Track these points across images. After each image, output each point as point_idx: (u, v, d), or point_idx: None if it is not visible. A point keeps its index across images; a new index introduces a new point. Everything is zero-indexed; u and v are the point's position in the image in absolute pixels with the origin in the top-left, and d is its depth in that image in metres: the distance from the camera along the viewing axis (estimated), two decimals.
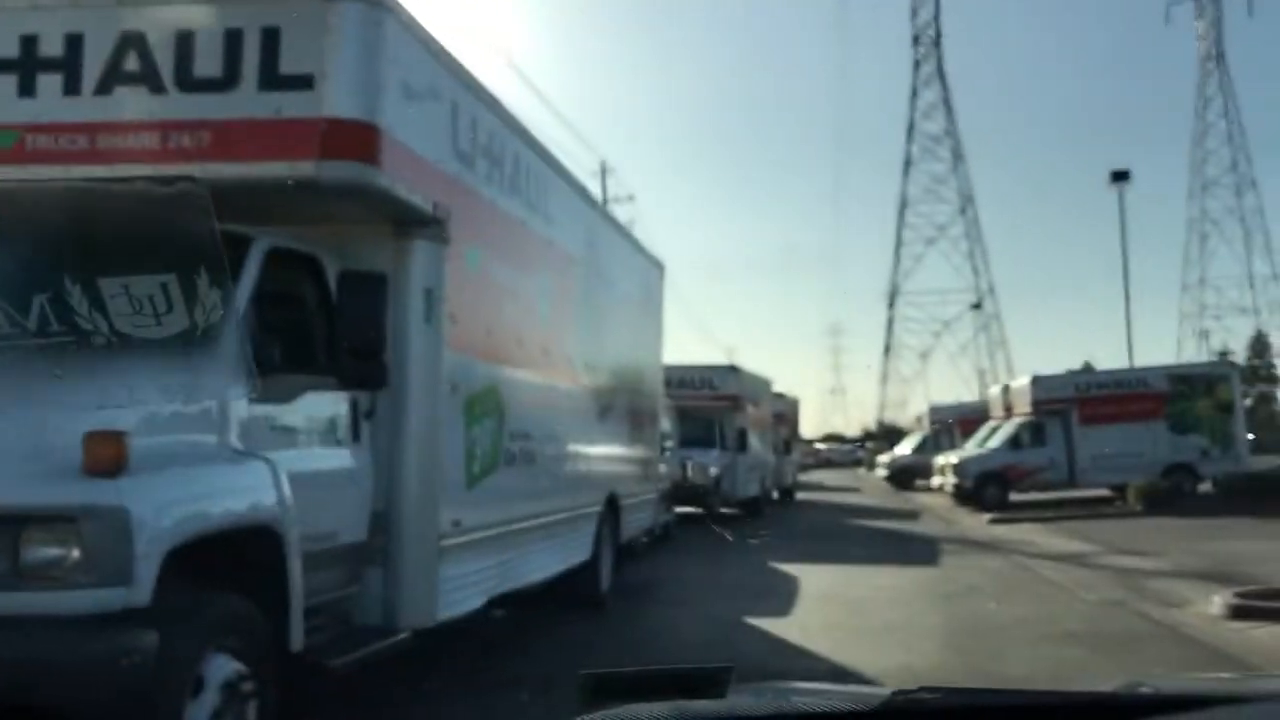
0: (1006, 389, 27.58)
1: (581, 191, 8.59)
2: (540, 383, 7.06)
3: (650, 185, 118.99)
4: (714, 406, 20.84)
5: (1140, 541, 15.00)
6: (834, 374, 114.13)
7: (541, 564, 7.06)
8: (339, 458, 4.87)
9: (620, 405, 9.50)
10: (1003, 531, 18.50)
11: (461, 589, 5.64)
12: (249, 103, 4.42)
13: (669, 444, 16.81)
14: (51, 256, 2.98)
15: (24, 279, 2.99)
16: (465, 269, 5.61)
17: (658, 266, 11.56)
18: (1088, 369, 31.41)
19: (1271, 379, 63.54)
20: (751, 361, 28.92)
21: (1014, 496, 24.69)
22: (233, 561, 3.89)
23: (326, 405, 4.78)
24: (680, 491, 18.32)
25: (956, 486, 25.52)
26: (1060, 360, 28.93)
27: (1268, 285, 68.37)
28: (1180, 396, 24.37)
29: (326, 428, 4.82)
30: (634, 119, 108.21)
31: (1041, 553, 14.33)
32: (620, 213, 35.25)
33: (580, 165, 38.32)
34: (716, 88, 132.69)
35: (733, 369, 21.42)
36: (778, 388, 28.71)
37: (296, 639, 4.09)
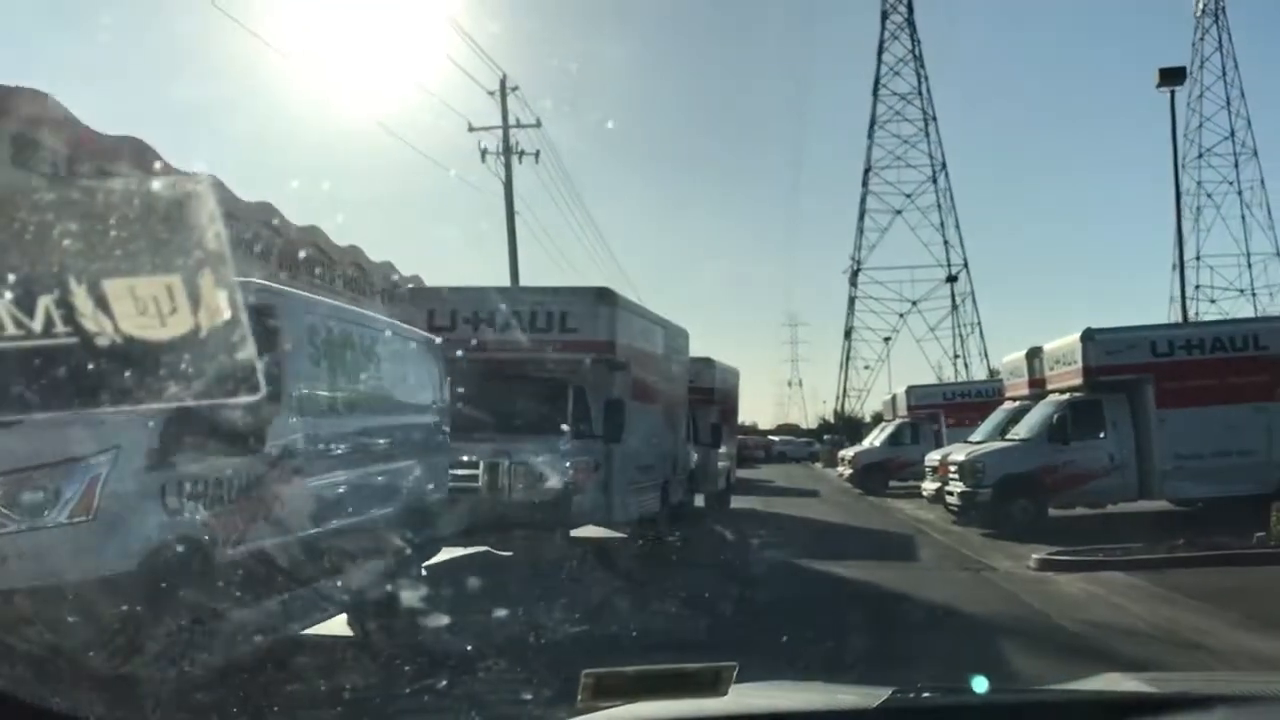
0: (1037, 353, 18.83)
1: None
2: None
3: (596, 169, 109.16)
4: (568, 363, 11.93)
5: None
6: (790, 366, 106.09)
7: None
8: None
9: None
10: (1083, 594, 9.91)
11: None
12: None
13: (441, 421, 8.01)
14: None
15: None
16: None
17: None
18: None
19: None
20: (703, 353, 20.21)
21: (1050, 512, 16.26)
22: None
23: None
24: (498, 516, 10.07)
25: (964, 497, 16.80)
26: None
27: (1268, 264, 60.63)
28: None
29: None
30: (576, 88, 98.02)
31: None
32: (524, 140, 25.96)
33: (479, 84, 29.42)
34: (665, 64, 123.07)
35: (602, 296, 12.14)
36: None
37: None
